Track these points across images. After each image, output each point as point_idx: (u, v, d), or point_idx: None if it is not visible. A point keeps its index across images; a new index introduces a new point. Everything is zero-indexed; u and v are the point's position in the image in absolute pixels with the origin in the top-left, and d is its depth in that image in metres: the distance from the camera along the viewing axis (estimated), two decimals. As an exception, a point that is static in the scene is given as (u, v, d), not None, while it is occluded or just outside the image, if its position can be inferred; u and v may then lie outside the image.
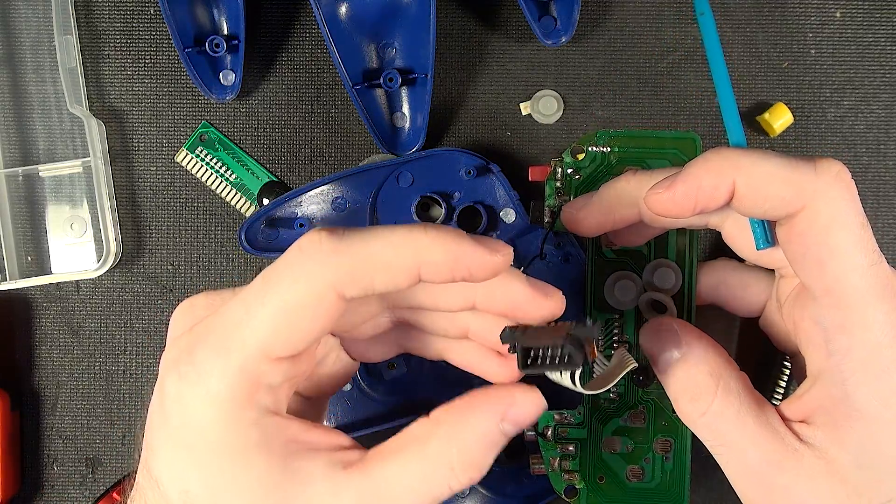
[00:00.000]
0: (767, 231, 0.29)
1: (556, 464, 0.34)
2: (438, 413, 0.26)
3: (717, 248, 0.44)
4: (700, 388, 0.29)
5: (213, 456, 0.25)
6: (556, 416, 0.35)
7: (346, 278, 0.24)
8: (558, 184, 0.35)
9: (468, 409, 0.26)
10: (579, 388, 0.25)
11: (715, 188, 0.27)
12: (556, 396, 0.38)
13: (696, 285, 0.34)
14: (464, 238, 0.25)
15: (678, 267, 0.34)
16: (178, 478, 0.25)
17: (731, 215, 0.31)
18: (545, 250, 0.39)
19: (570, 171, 0.35)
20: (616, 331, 0.34)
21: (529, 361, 0.25)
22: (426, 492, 0.25)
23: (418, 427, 0.26)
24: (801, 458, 0.27)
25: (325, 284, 0.24)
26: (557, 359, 0.24)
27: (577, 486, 0.34)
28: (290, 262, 0.24)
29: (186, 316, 0.27)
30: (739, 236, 0.31)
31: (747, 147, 0.29)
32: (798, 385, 0.32)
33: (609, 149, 0.34)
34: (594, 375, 0.28)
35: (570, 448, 0.34)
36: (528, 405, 0.26)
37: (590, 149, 0.35)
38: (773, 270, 0.33)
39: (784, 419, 0.28)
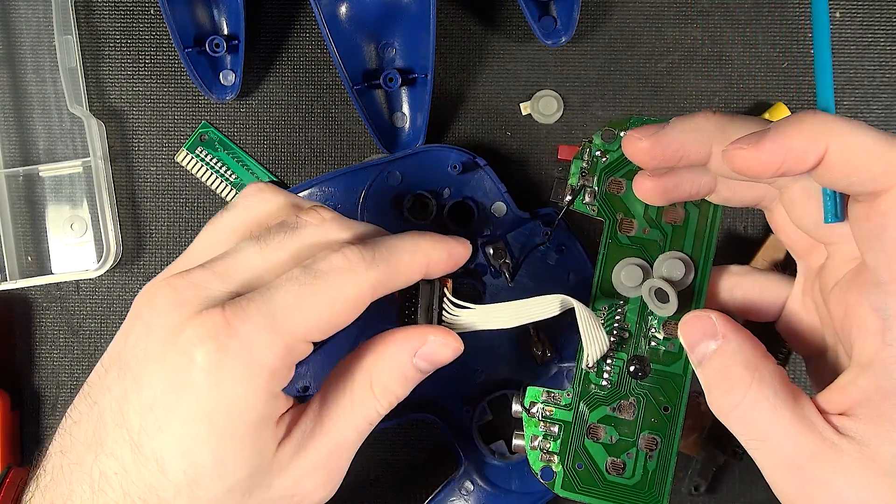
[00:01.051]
0: (839, 205, 0.28)
1: (537, 442, 0.34)
2: (362, 345, 0.31)
3: (729, 246, 0.44)
4: (734, 380, 0.28)
5: (231, 426, 0.26)
6: (545, 395, 0.34)
7: (382, 281, 0.29)
8: (584, 164, 0.34)
9: (386, 343, 0.30)
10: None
11: (806, 153, 0.25)
12: (547, 377, 0.38)
13: (709, 285, 0.33)
14: (449, 238, 0.31)
15: (691, 261, 0.33)
16: (187, 451, 0.26)
17: (801, 181, 0.29)
18: (541, 241, 0.39)
19: (597, 153, 0.34)
20: (618, 317, 0.34)
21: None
22: (361, 418, 0.30)
23: (344, 362, 0.30)
24: (839, 452, 0.26)
25: (368, 287, 0.28)
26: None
27: (554, 469, 0.34)
28: (339, 266, 0.28)
29: (171, 295, 0.27)
30: (804, 204, 0.29)
31: (836, 114, 0.27)
32: (814, 382, 0.31)
33: (622, 144, 0.34)
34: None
35: (554, 429, 0.34)
36: (440, 346, 0.30)
37: (621, 133, 0.34)
38: (791, 273, 0.33)
39: (822, 412, 0.28)
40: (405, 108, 0.43)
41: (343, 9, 0.41)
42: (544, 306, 0.32)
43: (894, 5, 0.44)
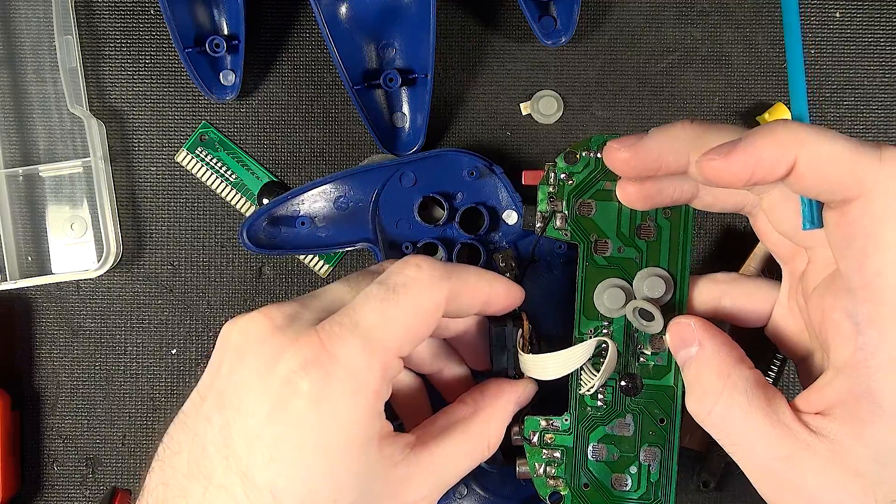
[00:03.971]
0: (815, 212, 0.28)
1: (542, 469, 0.34)
2: (475, 398, 0.32)
3: (726, 245, 0.44)
4: (707, 387, 0.29)
5: (343, 451, 0.27)
6: (543, 422, 0.34)
7: (453, 293, 0.30)
8: (551, 189, 0.34)
9: (498, 397, 0.33)
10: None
11: (775, 162, 0.26)
12: (543, 403, 0.39)
13: (690, 296, 0.34)
14: (506, 279, 0.33)
15: (670, 276, 0.34)
16: (303, 480, 0.26)
17: (779, 186, 0.29)
18: (552, 252, 0.39)
19: (562, 175, 0.34)
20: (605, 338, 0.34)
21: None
22: (469, 463, 0.31)
23: (460, 410, 0.32)
24: (813, 452, 0.27)
25: (442, 297, 0.29)
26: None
27: (561, 493, 0.34)
28: (414, 278, 0.29)
29: (258, 328, 0.28)
30: (783, 208, 0.30)
31: (810, 123, 0.27)
32: (804, 384, 0.31)
33: (602, 154, 0.34)
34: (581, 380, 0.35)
35: (556, 454, 0.34)
36: (531, 392, 0.34)
37: (583, 154, 0.34)
38: (777, 278, 0.33)
39: (797, 411, 0.28)
40: (405, 108, 0.43)
41: (343, 9, 0.41)
42: (588, 349, 0.34)
43: (894, 5, 0.44)
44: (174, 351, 0.45)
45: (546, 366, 0.33)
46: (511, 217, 0.40)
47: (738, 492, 0.44)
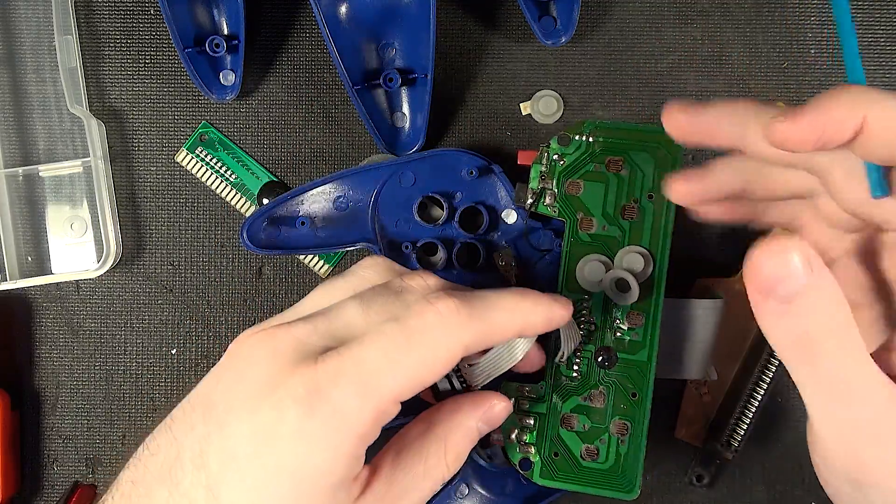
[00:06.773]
0: (885, 178, 0.27)
1: (514, 435, 0.35)
2: (430, 415, 0.31)
3: (709, 255, 0.44)
4: (830, 325, 0.26)
5: (312, 486, 0.27)
6: (519, 389, 0.36)
7: (475, 340, 0.28)
8: (543, 168, 0.36)
9: (457, 412, 0.31)
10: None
11: (843, 122, 0.25)
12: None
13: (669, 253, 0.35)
14: (550, 299, 0.30)
15: (650, 254, 0.35)
16: None
17: (840, 163, 0.28)
18: (555, 246, 0.40)
19: (555, 156, 0.36)
20: (584, 311, 0.35)
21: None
22: (430, 485, 0.30)
23: (415, 429, 0.30)
24: None
25: (460, 346, 0.28)
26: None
27: (532, 460, 0.35)
28: (433, 325, 0.28)
29: (262, 349, 0.28)
30: (848, 185, 0.28)
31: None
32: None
33: (594, 138, 0.35)
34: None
35: (529, 421, 0.35)
36: (502, 410, 0.32)
37: (576, 137, 0.36)
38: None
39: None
40: (405, 108, 0.43)
41: (343, 9, 0.41)
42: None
43: (894, 5, 0.44)
44: (174, 351, 0.45)
45: (491, 365, 0.33)
46: (510, 216, 0.40)
47: (732, 488, 0.44)
